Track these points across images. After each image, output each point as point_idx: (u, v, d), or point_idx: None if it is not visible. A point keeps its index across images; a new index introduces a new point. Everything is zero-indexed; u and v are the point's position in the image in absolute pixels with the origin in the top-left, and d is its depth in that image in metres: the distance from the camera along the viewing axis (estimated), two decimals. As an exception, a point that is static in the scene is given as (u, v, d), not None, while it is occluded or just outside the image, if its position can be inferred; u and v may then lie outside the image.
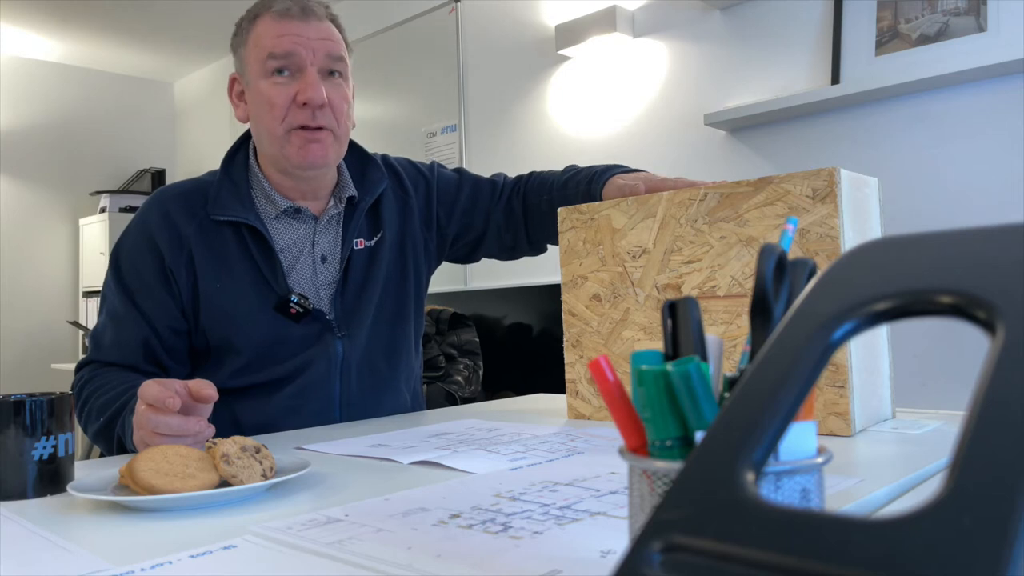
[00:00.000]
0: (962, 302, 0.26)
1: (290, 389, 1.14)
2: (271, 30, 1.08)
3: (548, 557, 0.47)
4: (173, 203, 1.14)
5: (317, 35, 1.08)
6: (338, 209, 1.19)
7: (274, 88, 1.08)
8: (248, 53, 1.11)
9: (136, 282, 1.13)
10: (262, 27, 1.09)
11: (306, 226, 1.17)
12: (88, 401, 1.07)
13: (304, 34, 1.07)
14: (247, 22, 1.12)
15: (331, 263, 1.18)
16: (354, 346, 1.17)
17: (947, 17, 1.94)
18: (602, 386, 0.39)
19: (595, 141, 2.74)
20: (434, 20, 3.28)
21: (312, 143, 1.09)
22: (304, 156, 1.09)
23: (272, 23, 1.08)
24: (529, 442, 0.88)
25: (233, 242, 1.13)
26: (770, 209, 0.90)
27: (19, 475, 0.68)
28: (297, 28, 1.07)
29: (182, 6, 3.83)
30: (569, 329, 1.10)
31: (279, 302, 1.12)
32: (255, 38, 1.10)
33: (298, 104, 1.07)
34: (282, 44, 1.07)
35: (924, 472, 0.68)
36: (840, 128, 2.15)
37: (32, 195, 4.46)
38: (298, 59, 1.07)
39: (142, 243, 1.13)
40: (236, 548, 0.51)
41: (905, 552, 0.20)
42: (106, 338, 1.13)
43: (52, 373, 4.29)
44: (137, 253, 1.13)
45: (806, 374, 0.27)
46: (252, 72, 1.11)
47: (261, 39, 1.09)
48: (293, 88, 1.07)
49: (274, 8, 1.09)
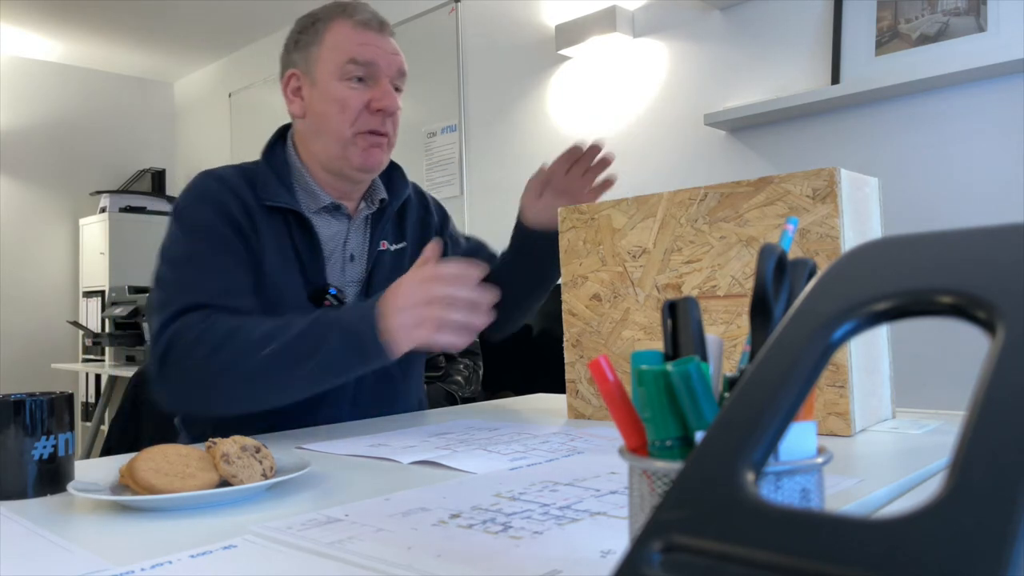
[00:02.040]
0: (962, 302, 0.26)
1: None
2: (353, 37, 1.14)
3: (548, 557, 0.47)
4: (228, 179, 1.14)
5: (392, 50, 1.17)
6: (370, 210, 1.23)
7: (350, 92, 1.13)
8: (322, 53, 1.15)
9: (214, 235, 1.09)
10: (341, 32, 1.14)
11: (340, 224, 1.21)
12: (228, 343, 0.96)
13: (383, 47, 1.15)
14: (320, 23, 1.16)
15: (358, 262, 1.21)
16: None
17: (947, 17, 1.94)
18: (602, 386, 0.39)
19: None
20: (434, 20, 3.28)
21: (374, 148, 1.15)
22: (366, 159, 1.15)
23: (353, 31, 1.14)
24: (529, 442, 0.88)
25: (280, 229, 1.14)
26: (770, 209, 0.90)
27: (19, 475, 0.68)
28: (377, 40, 1.15)
29: (182, 6, 3.82)
30: (569, 329, 1.10)
31: (314, 293, 1.13)
32: (333, 41, 1.14)
33: (371, 110, 1.14)
34: (365, 53, 1.13)
35: (924, 472, 0.68)
36: (840, 128, 2.15)
37: (32, 195, 4.46)
38: (376, 69, 1.14)
39: (209, 204, 1.10)
40: (236, 548, 0.51)
41: (905, 552, 0.20)
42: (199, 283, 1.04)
43: (52, 373, 4.28)
44: (205, 212, 1.10)
45: (806, 374, 0.27)
46: (325, 72, 1.14)
47: (341, 43, 1.14)
48: (367, 94, 1.14)
49: (354, 17, 1.15)
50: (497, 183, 3.05)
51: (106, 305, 4.00)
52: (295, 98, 1.19)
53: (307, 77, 1.17)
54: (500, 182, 3.04)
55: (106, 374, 3.74)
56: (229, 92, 4.51)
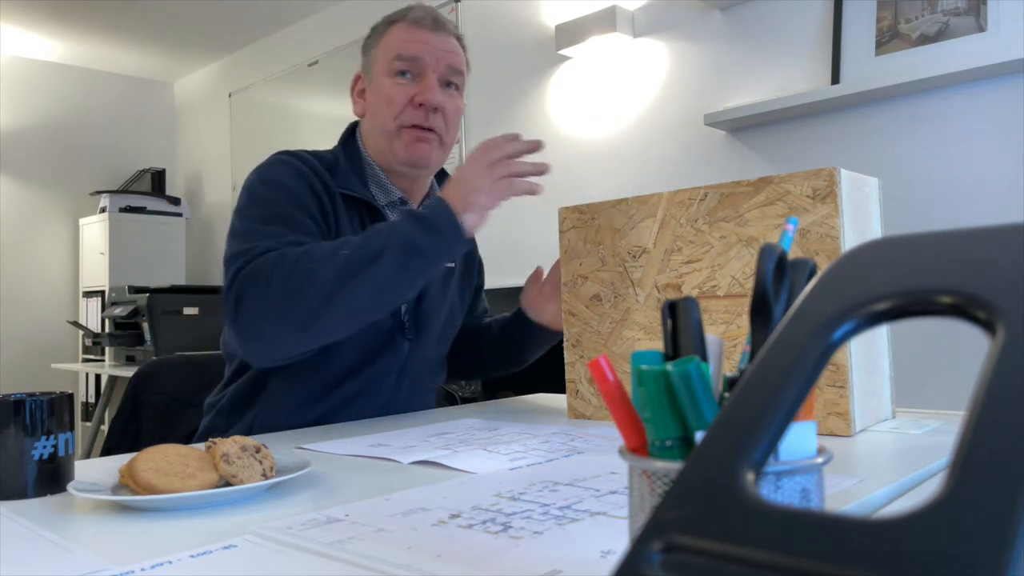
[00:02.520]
0: (962, 302, 0.26)
1: (351, 384, 1.14)
2: (403, 34, 1.17)
3: (548, 557, 0.47)
4: (309, 161, 1.15)
5: (443, 46, 1.18)
6: None
7: (396, 87, 1.16)
8: (378, 53, 1.19)
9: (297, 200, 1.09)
10: (395, 31, 1.18)
11: None
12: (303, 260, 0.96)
13: (431, 43, 1.17)
14: (383, 26, 1.22)
15: None
16: (417, 350, 1.20)
17: (947, 17, 1.94)
18: (602, 386, 0.39)
19: (595, 141, 2.74)
20: (434, 20, 3.28)
21: (420, 142, 1.16)
22: (411, 152, 1.16)
23: (405, 29, 1.18)
24: (529, 442, 0.88)
25: (354, 219, 1.15)
26: (770, 209, 0.90)
27: (19, 475, 0.68)
28: (426, 36, 1.17)
29: (182, 6, 3.82)
30: (569, 329, 1.10)
31: None
32: (387, 40, 1.18)
33: (414, 104, 1.15)
34: (410, 48, 1.16)
35: (924, 472, 0.68)
36: (840, 128, 2.15)
37: (32, 195, 4.46)
38: (422, 64, 1.16)
39: (294, 175, 1.11)
40: (236, 548, 0.51)
41: (905, 552, 0.20)
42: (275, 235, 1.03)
43: (52, 373, 4.28)
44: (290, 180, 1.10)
45: (806, 374, 0.27)
46: (378, 70, 1.19)
47: (392, 42, 1.17)
48: (413, 89, 1.15)
49: (409, 16, 1.18)
50: (497, 183, 3.05)
51: (106, 305, 4.00)
52: (359, 99, 1.23)
53: (366, 77, 1.22)
54: (500, 182, 3.03)
55: (106, 374, 3.74)
56: (229, 92, 4.50)
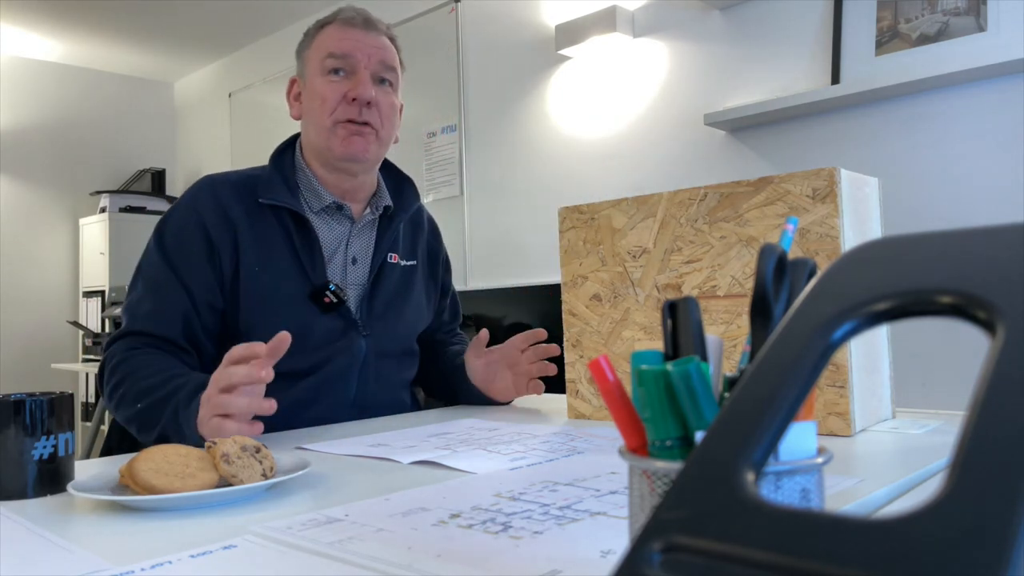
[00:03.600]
0: (962, 302, 0.26)
1: (309, 381, 1.16)
2: (335, 34, 1.20)
3: (548, 557, 0.47)
4: (222, 187, 1.19)
5: (374, 43, 1.20)
6: (373, 216, 1.26)
7: (328, 85, 1.18)
8: (311, 55, 1.22)
9: (180, 256, 1.14)
10: (327, 32, 1.21)
11: (343, 227, 1.23)
12: (123, 383, 1.06)
13: (363, 40, 1.19)
14: (315, 29, 1.23)
15: (361, 266, 1.24)
16: (376, 345, 1.21)
17: (947, 17, 1.94)
18: (602, 386, 0.39)
19: (595, 141, 2.74)
20: (434, 20, 3.27)
21: (355, 136, 1.18)
22: (347, 147, 1.17)
23: (336, 29, 1.20)
24: (529, 442, 0.88)
25: (277, 228, 1.17)
26: (770, 209, 0.90)
27: (19, 475, 0.68)
28: (357, 35, 1.20)
29: (182, 6, 3.82)
30: (569, 329, 1.10)
31: (313, 291, 1.16)
32: (319, 42, 1.21)
33: (347, 100, 1.17)
34: (342, 46, 1.18)
35: (924, 472, 0.68)
36: (840, 128, 2.15)
37: (32, 195, 4.46)
38: (353, 61, 1.18)
39: (190, 219, 1.16)
40: (236, 548, 0.51)
41: (905, 552, 0.20)
42: (143, 308, 1.13)
43: (52, 373, 4.28)
44: (184, 228, 1.15)
45: (806, 374, 0.27)
46: (311, 70, 1.21)
47: (324, 42, 1.20)
48: (345, 86, 1.18)
49: (340, 17, 1.21)
50: (497, 183, 3.05)
51: (106, 305, 4.00)
52: (295, 103, 1.26)
53: (301, 80, 1.25)
54: (500, 182, 3.04)
55: (106, 374, 3.74)
56: (229, 92, 4.51)
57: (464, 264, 3.11)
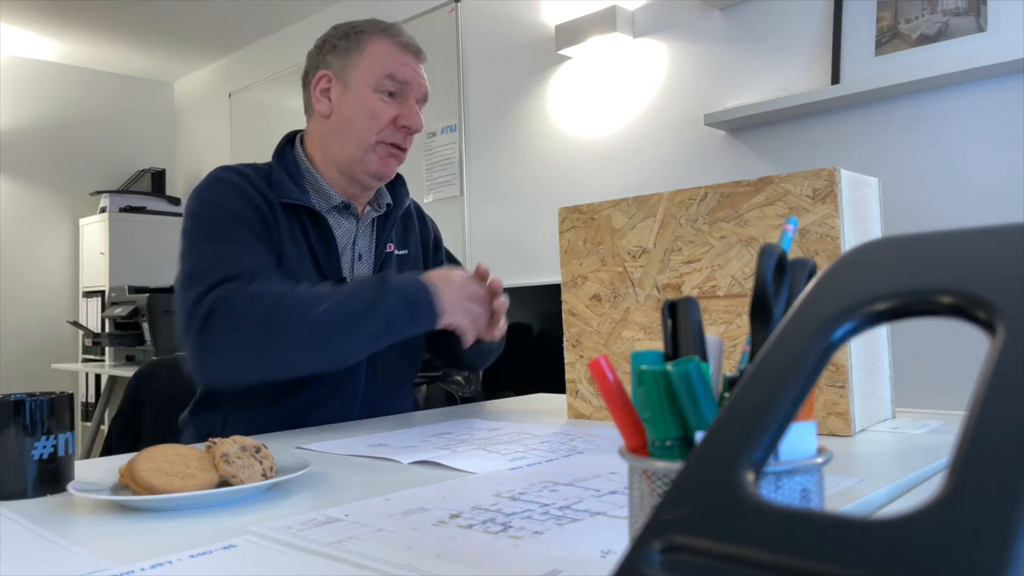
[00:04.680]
0: (962, 302, 0.26)
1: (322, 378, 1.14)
2: (395, 55, 1.21)
3: (548, 557, 0.47)
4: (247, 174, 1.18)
5: (423, 74, 1.25)
6: (377, 213, 1.28)
7: (382, 104, 1.20)
8: (362, 61, 1.21)
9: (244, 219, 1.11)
10: (383, 47, 1.21)
11: (349, 224, 1.25)
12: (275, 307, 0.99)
13: (417, 70, 1.23)
14: (364, 34, 1.22)
15: (365, 262, 1.26)
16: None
17: (947, 17, 1.94)
18: (602, 386, 0.39)
19: (595, 141, 2.74)
20: (434, 20, 3.27)
21: (391, 158, 1.22)
22: (381, 167, 1.21)
23: (395, 49, 1.22)
24: (529, 442, 0.88)
25: (296, 226, 1.18)
26: (770, 209, 0.90)
27: (19, 475, 0.68)
28: (414, 64, 1.23)
29: (182, 6, 3.82)
30: (569, 329, 1.10)
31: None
32: (375, 53, 1.21)
33: (396, 125, 1.20)
34: (404, 72, 1.21)
35: (924, 472, 0.68)
36: (840, 128, 2.15)
37: (32, 195, 4.46)
38: (408, 88, 1.21)
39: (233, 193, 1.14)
40: (236, 548, 0.51)
41: (905, 552, 0.20)
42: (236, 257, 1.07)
43: (52, 373, 4.28)
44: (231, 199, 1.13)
45: (806, 374, 0.27)
46: (361, 80, 1.20)
47: (382, 58, 1.20)
48: (395, 110, 1.20)
49: (397, 37, 1.23)
50: (497, 183, 3.05)
51: (106, 305, 4.00)
52: (323, 98, 1.23)
53: (340, 81, 1.22)
54: (500, 182, 3.04)
55: (106, 374, 3.74)
56: (229, 92, 4.50)
57: (464, 264, 3.10)
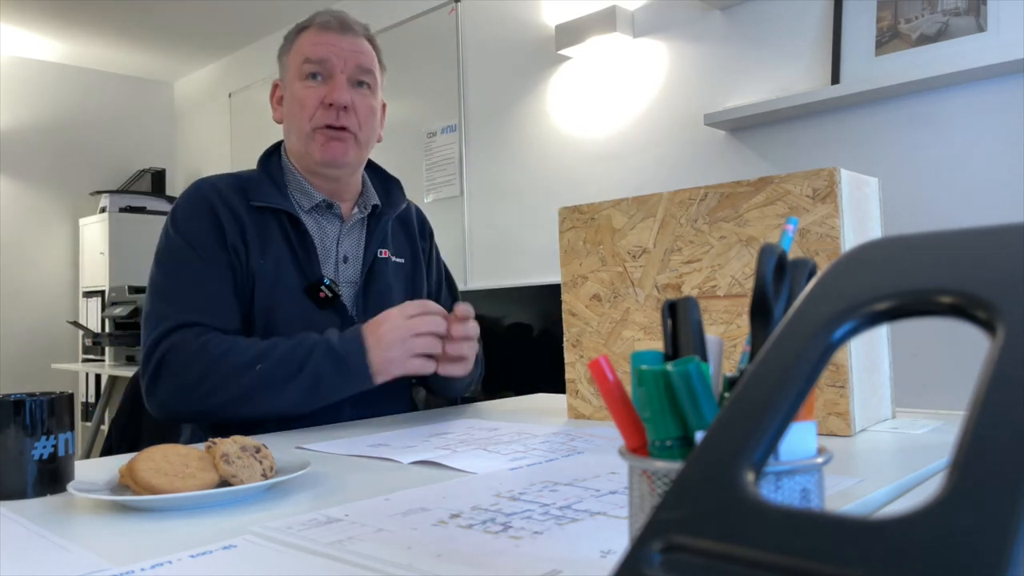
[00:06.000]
0: (962, 302, 0.26)
1: None
2: (311, 39, 1.21)
3: (548, 557, 0.47)
4: (222, 187, 1.20)
5: (350, 47, 1.21)
6: (362, 215, 1.28)
7: (306, 90, 1.19)
8: (290, 60, 1.24)
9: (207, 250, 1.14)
10: (304, 37, 1.22)
11: (332, 226, 1.25)
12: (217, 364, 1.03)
13: (339, 44, 1.20)
14: (293, 34, 1.25)
15: (352, 264, 1.25)
16: None
17: (947, 17, 1.94)
18: (602, 386, 0.39)
19: (595, 141, 2.74)
20: (434, 20, 3.27)
21: (334, 141, 1.19)
22: (325, 153, 1.19)
23: (313, 34, 1.21)
24: (529, 442, 0.88)
25: (273, 228, 1.19)
26: (770, 209, 0.90)
27: (19, 475, 0.68)
28: (333, 39, 1.20)
29: (182, 6, 3.82)
30: (569, 329, 1.10)
31: (309, 286, 1.17)
32: (297, 47, 1.23)
33: (325, 105, 1.18)
34: (318, 51, 1.19)
35: (924, 472, 0.68)
36: (840, 128, 2.15)
37: (32, 195, 4.46)
38: (330, 65, 1.19)
39: (203, 216, 1.16)
40: (236, 548, 0.51)
41: (905, 552, 0.20)
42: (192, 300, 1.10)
43: (52, 373, 4.28)
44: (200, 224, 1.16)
45: (806, 374, 0.27)
46: (290, 76, 1.23)
47: (302, 47, 1.22)
48: (322, 91, 1.19)
49: (317, 21, 1.22)
50: (497, 183, 3.05)
51: (106, 305, 4.00)
52: (278, 106, 1.28)
53: (283, 84, 1.27)
54: (500, 182, 3.04)
55: (106, 374, 3.74)
56: (229, 92, 4.50)
57: (464, 264, 3.11)
